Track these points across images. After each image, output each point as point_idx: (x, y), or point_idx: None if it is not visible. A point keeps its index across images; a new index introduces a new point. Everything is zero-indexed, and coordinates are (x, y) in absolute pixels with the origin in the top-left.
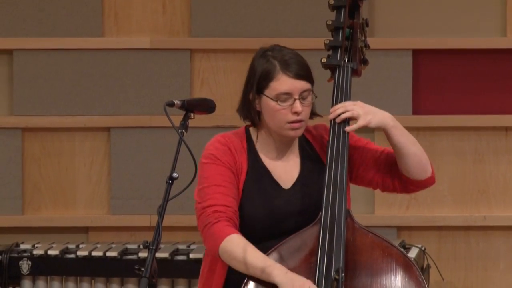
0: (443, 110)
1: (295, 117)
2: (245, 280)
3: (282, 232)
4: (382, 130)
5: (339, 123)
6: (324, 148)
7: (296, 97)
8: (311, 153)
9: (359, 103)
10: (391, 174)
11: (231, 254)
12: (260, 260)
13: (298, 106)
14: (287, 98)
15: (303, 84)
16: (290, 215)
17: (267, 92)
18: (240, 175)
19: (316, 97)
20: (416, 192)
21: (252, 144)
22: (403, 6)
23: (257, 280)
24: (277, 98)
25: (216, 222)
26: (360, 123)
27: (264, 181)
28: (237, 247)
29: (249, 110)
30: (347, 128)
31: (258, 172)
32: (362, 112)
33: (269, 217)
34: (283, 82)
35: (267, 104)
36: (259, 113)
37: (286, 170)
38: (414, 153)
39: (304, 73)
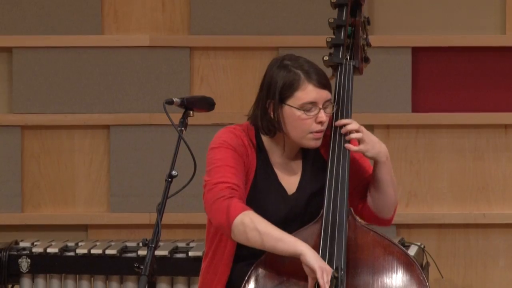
0: (442, 107)
1: (318, 127)
2: (246, 278)
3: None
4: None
5: (343, 132)
6: (326, 145)
7: (321, 106)
8: (313, 153)
9: (363, 128)
10: (360, 199)
11: (254, 226)
12: (282, 232)
13: (323, 115)
14: (311, 108)
15: (326, 94)
16: (293, 220)
17: (290, 101)
18: (249, 172)
19: (336, 107)
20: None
21: (261, 141)
22: (403, 4)
23: (258, 277)
24: (302, 107)
25: (231, 197)
26: (361, 148)
27: (271, 184)
28: (263, 220)
29: (271, 121)
30: (347, 146)
31: (266, 173)
32: (367, 139)
33: (272, 220)
34: (309, 92)
35: (291, 113)
36: (279, 124)
37: (289, 172)
38: (389, 194)
39: (326, 82)
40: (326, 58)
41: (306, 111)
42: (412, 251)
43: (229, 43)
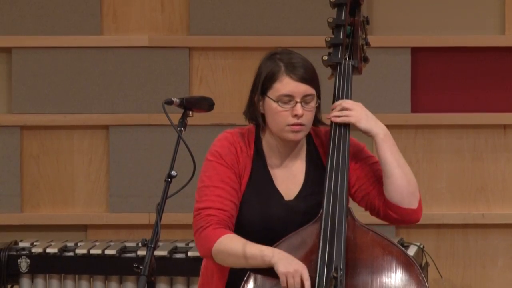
0: (441, 108)
1: (295, 120)
2: (245, 277)
3: (279, 239)
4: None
5: (340, 126)
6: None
7: (298, 100)
8: (317, 160)
9: (359, 104)
10: (376, 192)
11: (227, 251)
12: (257, 248)
13: (298, 109)
14: (288, 100)
15: (306, 88)
16: (290, 226)
17: (270, 93)
18: (243, 177)
19: (319, 102)
20: (398, 225)
21: (261, 145)
22: (402, 4)
23: (257, 276)
24: (279, 99)
25: (208, 226)
26: (351, 119)
27: (265, 189)
28: (233, 243)
29: (254, 112)
30: (332, 117)
31: (261, 178)
32: (356, 109)
33: (264, 225)
34: (286, 84)
35: (269, 105)
36: (263, 116)
37: (290, 178)
38: (401, 176)
39: (308, 77)
40: (325, 57)
41: (282, 103)
42: (411, 251)
43: (228, 43)
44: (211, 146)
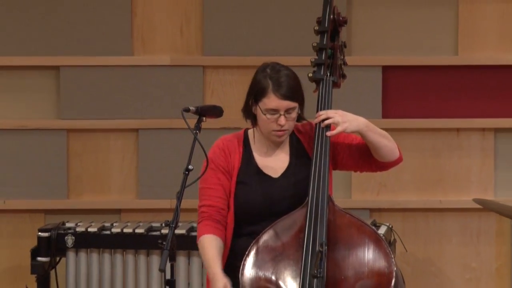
0: (406, 114)
1: (279, 127)
2: (247, 252)
3: (275, 215)
4: (359, 133)
5: (322, 128)
6: (311, 143)
7: (282, 113)
8: (300, 149)
9: (339, 111)
10: (369, 160)
11: (200, 249)
12: (209, 262)
13: (282, 120)
14: (274, 113)
15: (288, 103)
16: (282, 199)
17: (260, 104)
18: (232, 172)
19: (299, 112)
20: (389, 169)
21: (248, 145)
22: (374, 30)
23: (257, 252)
24: (266, 111)
25: (200, 221)
26: (339, 129)
27: (254, 173)
28: (202, 248)
29: (249, 113)
30: (328, 133)
31: (249, 169)
32: (341, 120)
33: (261, 200)
34: (272, 101)
35: (259, 114)
36: (255, 117)
37: (275, 163)
38: (385, 145)
39: (290, 95)
40: (310, 74)
41: (269, 115)
42: (381, 230)
43: (234, 62)
44: (208, 152)
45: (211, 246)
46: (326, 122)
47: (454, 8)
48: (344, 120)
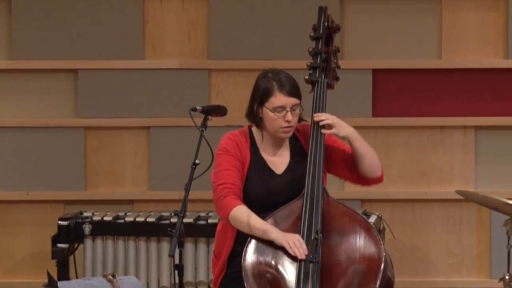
0: (395, 113)
1: (286, 124)
2: (248, 239)
3: (275, 205)
4: (347, 140)
5: (318, 126)
6: (308, 142)
7: (288, 109)
8: (298, 147)
9: (335, 116)
10: (354, 171)
11: (238, 219)
12: (260, 223)
13: (289, 116)
14: (281, 110)
15: (293, 100)
16: (282, 192)
17: (267, 105)
18: (245, 163)
19: (303, 109)
20: (369, 186)
21: (254, 140)
22: (365, 37)
23: (257, 239)
24: (274, 110)
25: (226, 195)
26: (333, 130)
27: (262, 168)
28: (243, 214)
29: (254, 117)
30: (323, 131)
31: (258, 162)
32: (337, 123)
33: (266, 194)
34: (279, 99)
35: (267, 113)
36: (261, 119)
37: (279, 160)
38: (369, 159)
39: (294, 92)
40: (306, 77)
41: (277, 113)
42: (372, 219)
43: (238, 66)
44: (218, 146)
45: (252, 213)
46: (324, 122)
47: (438, 16)
48: (339, 124)
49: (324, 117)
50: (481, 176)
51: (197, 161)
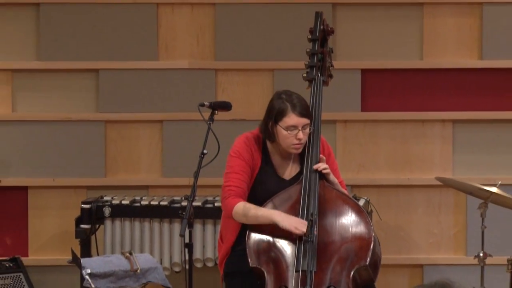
0: (381, 108)
1: (297, 141)
2: (246, 234)
3: None
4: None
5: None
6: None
7: (300, 128)
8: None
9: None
10: None
11: (242, 213)
12: (264, 210)
13: (300, 134)
14: (293, 129)
15: (305, 120)
16: None
17: (280, 123)
18: (256, 168)
19: (313, 128)
20: None
21: (266, 147)
22: (355, 40)
23: (258, 230)
24: (287, 128)
25: (228, 197)
26: (327, 172)
27: (271, 174)
28: (246, 208)
29: (269, 134)
30: (315, 166)
31: (268, 168)
32: (329, 170)
33: (270, 197)
34: (292, 119)
35: (280, 131)
36: (275, 135)
37: (289, 168)
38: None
39: (306, 113)
40: (304, 75)
41: (289, 131)
42: (361, 202)
43: (241, 66)
44: (233, 145)
45: (252, 205)
46: (325, 171)
47: (419, 22)
48: (329, 171)
49: (323, 166)
50: (458, 164)
51: (205, 151)
